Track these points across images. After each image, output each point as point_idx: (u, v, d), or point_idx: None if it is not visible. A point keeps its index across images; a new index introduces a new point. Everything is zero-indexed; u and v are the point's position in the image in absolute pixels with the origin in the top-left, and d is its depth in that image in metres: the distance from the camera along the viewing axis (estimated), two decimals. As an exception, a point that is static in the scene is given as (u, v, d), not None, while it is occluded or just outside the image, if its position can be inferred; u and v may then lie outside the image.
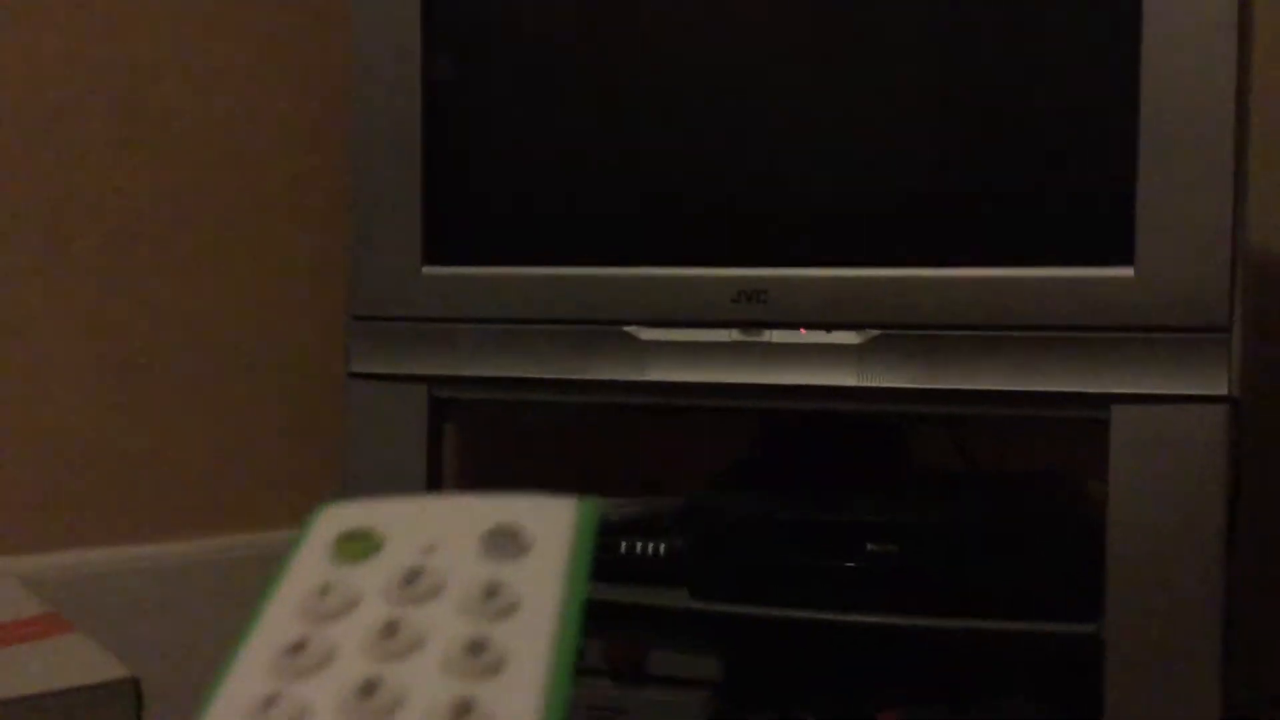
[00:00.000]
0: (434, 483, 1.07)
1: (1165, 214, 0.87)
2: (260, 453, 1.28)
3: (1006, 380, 0.91)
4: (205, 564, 1.23)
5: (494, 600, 0.25)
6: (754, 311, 0.97)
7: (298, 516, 1.30)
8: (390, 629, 0.24)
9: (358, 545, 0.26)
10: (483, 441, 1.38)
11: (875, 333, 0.94)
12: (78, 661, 0.67)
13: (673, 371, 0.99)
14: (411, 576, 0.25)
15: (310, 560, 0.26)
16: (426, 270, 1.04)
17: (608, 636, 1.02)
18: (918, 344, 0.93)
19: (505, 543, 0.26)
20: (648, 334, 0.99)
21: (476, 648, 0.24)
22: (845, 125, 0.96)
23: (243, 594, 1.24)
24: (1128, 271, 0.88)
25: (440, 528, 0.27)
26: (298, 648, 0.24)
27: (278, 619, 0.25)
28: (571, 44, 1.03)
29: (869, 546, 0.94)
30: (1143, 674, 0.88)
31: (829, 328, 0.95)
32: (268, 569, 1.08)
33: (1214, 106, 0.86)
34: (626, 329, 1.00)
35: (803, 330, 0.96)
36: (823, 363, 0.95)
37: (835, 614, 0.94)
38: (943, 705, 0.95)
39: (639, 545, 1.03)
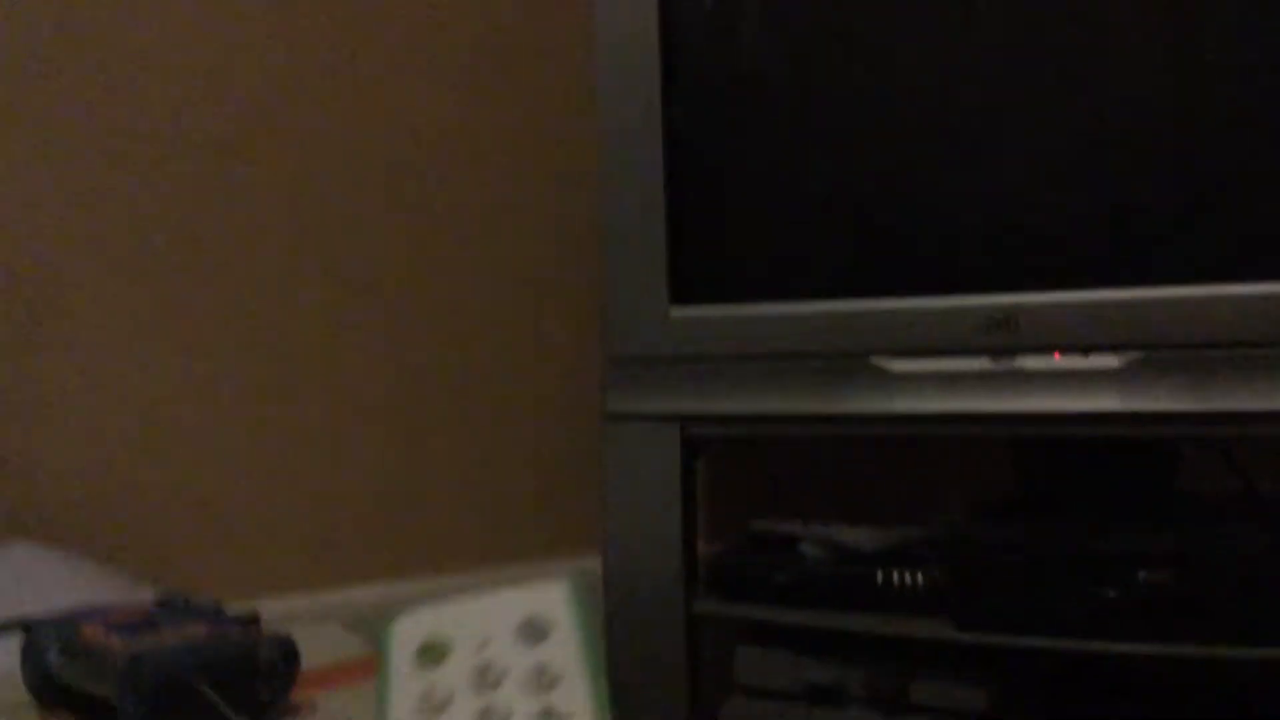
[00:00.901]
0: (689, 516, 1.10)
1: None
2: (526, 490, 1.34)
3: (1278, 399, 0.87)
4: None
5: (544, 676, 0.33)
6: (1004, 338, 0.96)
7: (564, 547, 1.35)
8: (486, 712, 0.32)
9: (434, 652, 0.35)
10: (733, 469, 1.41)
11: (1138, 354, 0.92)
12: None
13: (922, 402, 0.99)
14: (482, 671, 0.33)
15: (404, 670, 0.35)
16: (675, 311, 1.07)
17: (868, 666, 1.03)
18: (1184, 364, 0.90)
19: (532, 630, 0.35)
20: (896, 365, 1.00)
21: (545, 714, 0.32)
22: (1088, 139, 0.95)
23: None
24: None
25: (486, 626, 0.35)
26: None
27: (406, 716, 0.33)
28: (809, 83, 1.04)
29: (1141, 575, 0.92)
30: None
31: (1086, 351, 0.94)
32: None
33: None
34: (874, 360, 1.01)
35: (1057, 355, 0.95)
36: (1081, 388, 0.93)
37: (1105, 644, 0.92)
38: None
39: (897, 575, 1.03)
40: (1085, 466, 1.08)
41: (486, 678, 0.33)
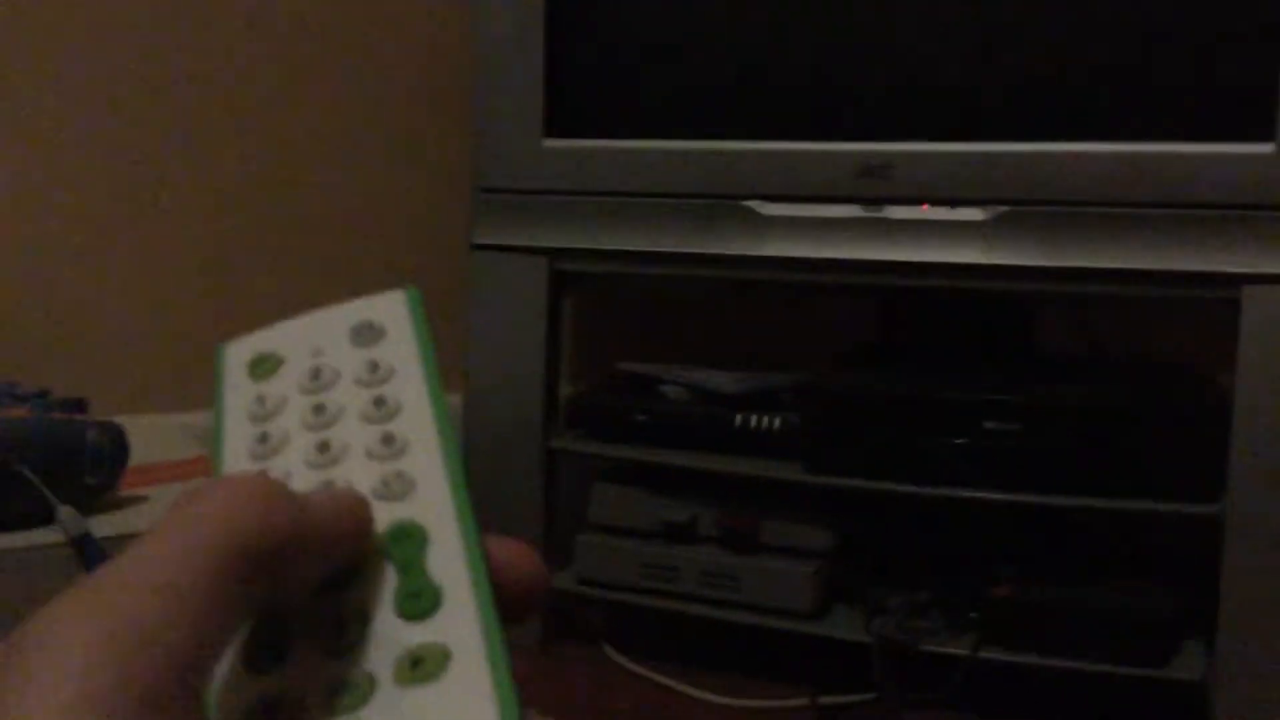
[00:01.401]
0: (553, 353, 1.09)
1: (1312, 88, 0.84)
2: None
3: (1136, 258, 0.89)
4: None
5: (377, 371, 0.34)
6: (877, 187, 0.96)
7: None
8: (319, 409, 0.33)
9: (265, 365, 0.35)
10: (601, 313, 1.40)
11: (1002, 209, 0.93)
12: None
13: (793, 247, 0.99)
14: (314, 374, 0.34)
15: (236, 385, 0.35)
16: (548, 143, 1.05)
17: (721, 506, 1.04)
18: (1046, 220, 0.91)
19: (366, 334, 0.35)
20: (769, 209, 1.00)
21: (379, 402, 0.33)
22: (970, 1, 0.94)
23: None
24: (1267, 147, 0.85)
25: (317, 337, 0.35)
26: (262, 439, 0.32)
27: (237, 427, 0.33)
28: (697, -87, 1.01)
29: (987, 425, 0.94)
30: (1261, 555, 0.87)
31: (954, 204, 0.94)
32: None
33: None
34: (747, 203, 1.00)
35: (926, 206, 0.95)
36: (947, 239, 0.94)
37: (950, 490, 0.95)
38: (1056, 583, 0.96)
39: (755, 419, 1.04)
40: (946, 319, 1.10)
41: (319, 379, 0.34)
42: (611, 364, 1.20)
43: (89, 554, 0.58)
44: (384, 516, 0.30)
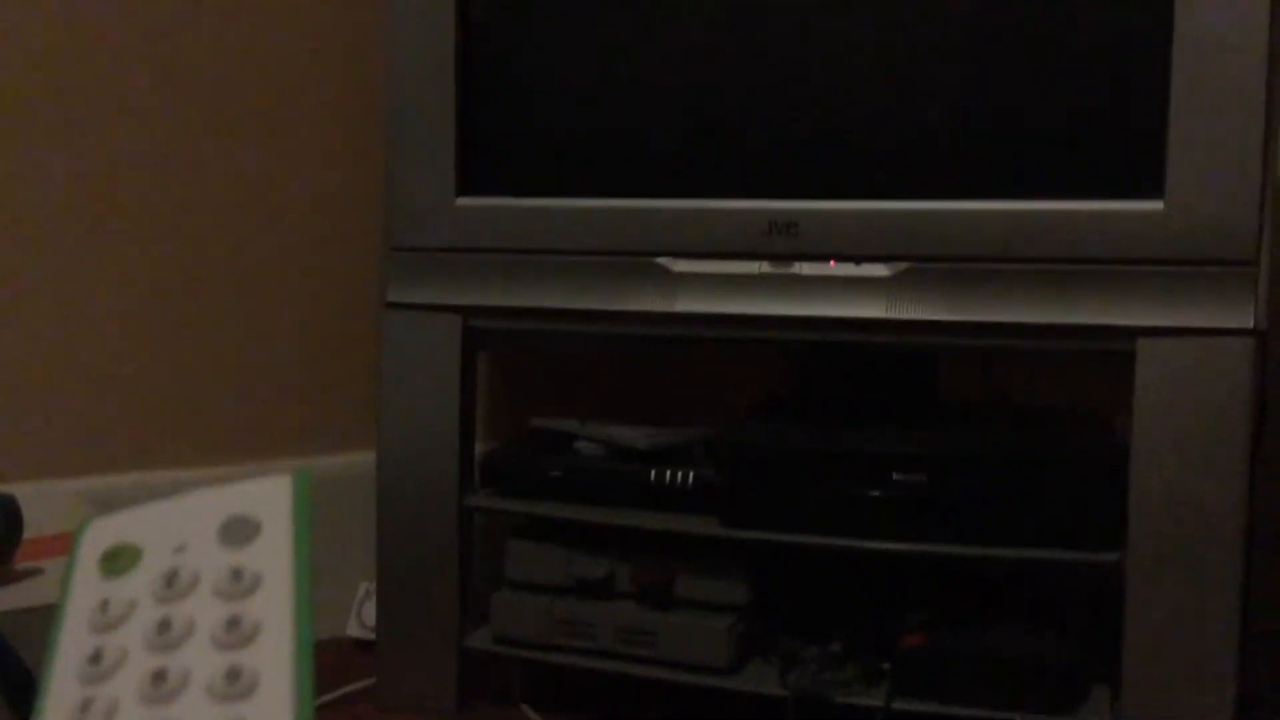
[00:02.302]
0: (467, 410, 1.09)
1: (1196, 147, 0.87)
2: (297, 381, 1.31)
3: (1034, 313, 0.92)
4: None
5: (240, 581, 0.30)
6: (784, 244, 0.98)
7: (336, 442, 1.33)
8: (164, 625, 0.29)
9: (121, 560, 0.31)
10: (515, 370, 1.40)
11: (905, 265, 0.95)
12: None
13: (703, 303, 1.00)
14: (170, 578, 0.30)
15: (85, 580, 0.31)
16: (460, 201, 1.06)
17: (637, 561, 1.05)
18: (947, 276, 0.93)
19: (238, 531, 0.31)
20: (679, 265, 1.01)
21: (233, 623, 0.29)
22: (875, 58, 0.97)
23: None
24: (1157, 205, 0.88)
25: (185, 528, 0.31)
26: (95, 658, 0.29)
27: (74, 635, 0.30)
28: (605, -24, 1.03)
29: (895, 476, 0.95)
30: (1163, 601, 0.89)
31: (859, 260, 0.96)
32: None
33: (1246, 40, 0.86)
34: (658, 260, 1.01)
35: (833, 263, 0.97)
36: (852, 295, 0.96)
37: (861, 542, 0.96)
38: (966, 631, 0.97)
39: (669, 474, 1.04)
40: (854, 372, 1.11)
41: (174, 585, 0.30)
42: (525, 421, 1.20)
43: (-18, 630, 0.57)
44: None
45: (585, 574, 1.05)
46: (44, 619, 0.62)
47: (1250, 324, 0.87)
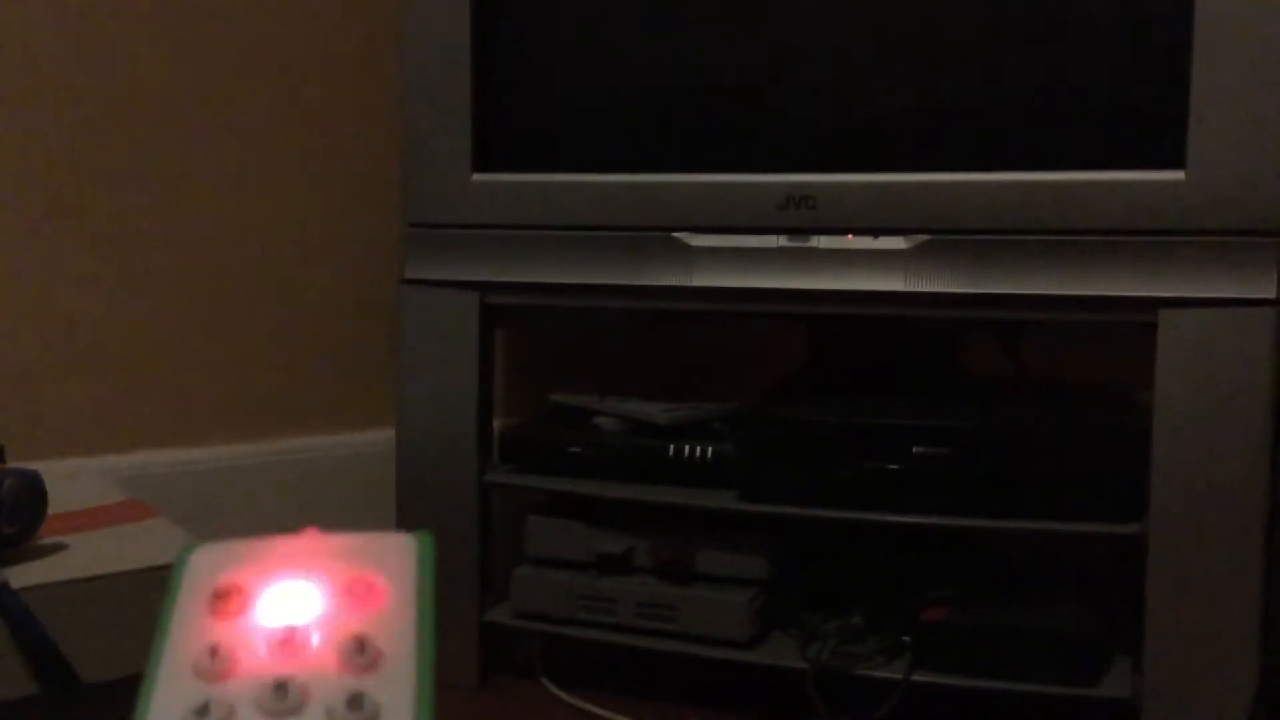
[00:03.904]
0: (485, 386, 1.09)
1: (1217, 116, 0.86)
2: (318, 359, 1.31)
3: (1054, 284, 0.91)
4: (271, 464, 1.27)
5: (362, 654, 0.27)
6: (802, 218, 0.97)
7: (355, 419, 1.33)
8: (281, 689, 0.27)
9: (228, 601, 0.29)
10: (534, 346, 1.40)
11: (923, 238, 0.94)
12: (164, 542, 0.70)
13: (720, 277, 1.00)
14: (287, 636, 0.27)
15: (192, 617, 0.28)
16: (476, 178, 1.06)
17: (657, 537, 1.05)
18: (966, 248, 0.93)
19: (359, 592, 0.29)
20: (696, 240, 1.00)
21: (354, 702, 0.27)
22: (892, 29, 0.96)
23: (300, 492, 1.28)
24: (1178, 175, 0.87)
25: (299, 604, 0.29)
26: (202, 711, 0.27)
27: (178, 679, 0.27)
28: (620, -51, 1.03)
29: (915, 450, 0.95)
30: (1185, 573, 0.89)
31: (877, 233, 0.96)
32: (327, 470, 1.10)
33: (1268, 8, 0.85)
34: (675, 235, 1.01)
35: (850, 236, 0.97)
36: (870, 268, 0.96)
37: (881, 515, 0.96)
38: (986, 605, 0.97)
39: (688, 449, 1.04)
40: (872, 346, 1.11)
41: (292, 643, 0.28)
42: (544, 397, 1.20)
43: (6, 604, 0.58)
44: None
45: (605, 549, 1.06)
46: (68, 593, 0.62)
47: (1273, 294, 0.86)
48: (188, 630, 0.28)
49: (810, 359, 1.17)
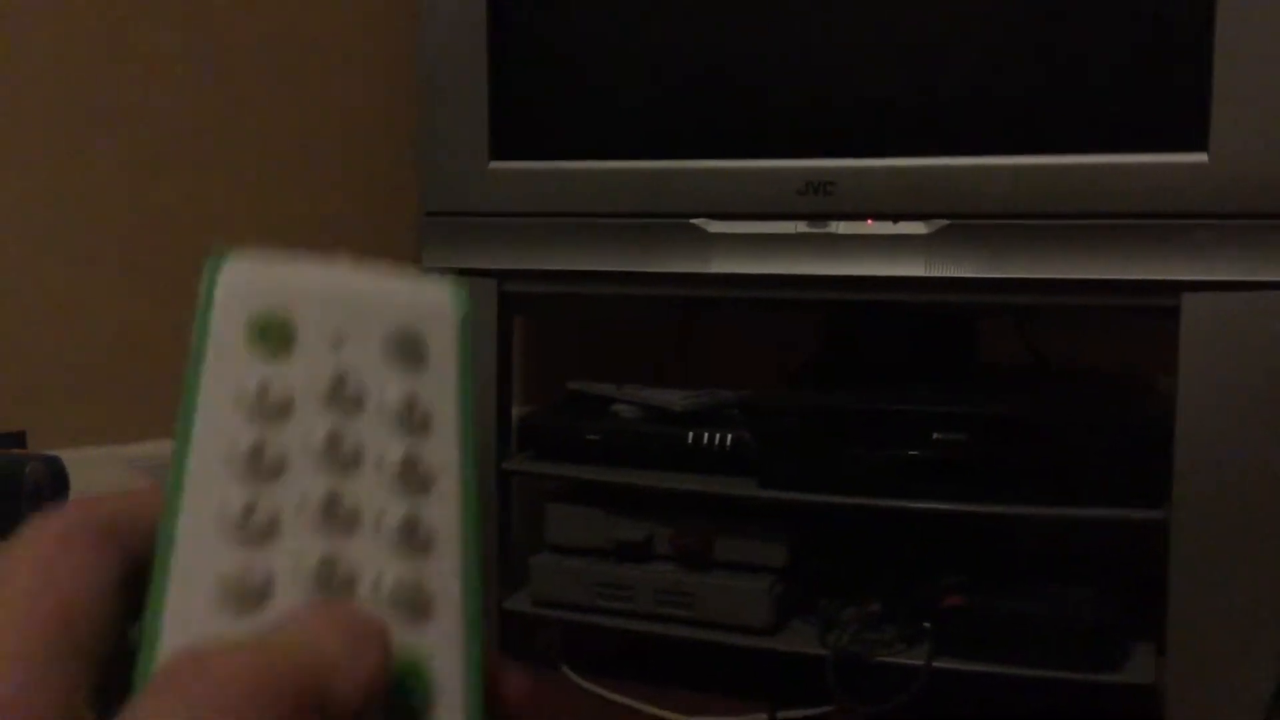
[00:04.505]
0: (504, 374, 1.09)
1: (1240, 99, 0.85)
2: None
3: (1076, 268, 0.90)
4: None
5: (414, 415, 0.26)
6: (821, 203, 0.97)
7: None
8: (334, 441, 0.25)
9: (272, 337, 0.26)
10: (552, 333, 1.40)
11: (943, 222, 0.94)
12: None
13: (739, 264, 1.00)
14: (336, 385, 0.25)
15: (230, 349, 0.26)
16: (494, 165, 1.05)
17: (675, 524, 1.04)
18: (986, 233, 0.92)
19: (407, 349, 0.27)
20: (714, 226, 1.00)
21: (410, 464, 0.25)
22: (911, 13, 0.95)
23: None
24: (1201, 157, 0.87)
25: (342, 319, 0.27)
26: (256, 454, 0.25)
27: (221, 415, 0.25)
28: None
29: (935, 436, 0.95)
30: (1208, 559, 0.88)
31: (896, 218, 0.95)
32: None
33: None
34: (693, 221, 1.00)
35: (870, 221, 0.96)
36: (890, 253, 0.95)
37: (900, 502, 0.95)
38: (1006, 591, 0.96)
39: (707, 436, 1.04)
40: (892, 333, 1.11)
41: (340, 395, 0.25)
42: (562, 384, 1.20)
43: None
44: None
45: (624, 537, 1.06)
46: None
47: (1297, 277, 0.86)
48: (228, 364, 0.26)
49: (828, 346, 1.16)
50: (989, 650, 0.94)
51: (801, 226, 0.98)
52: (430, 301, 0.28)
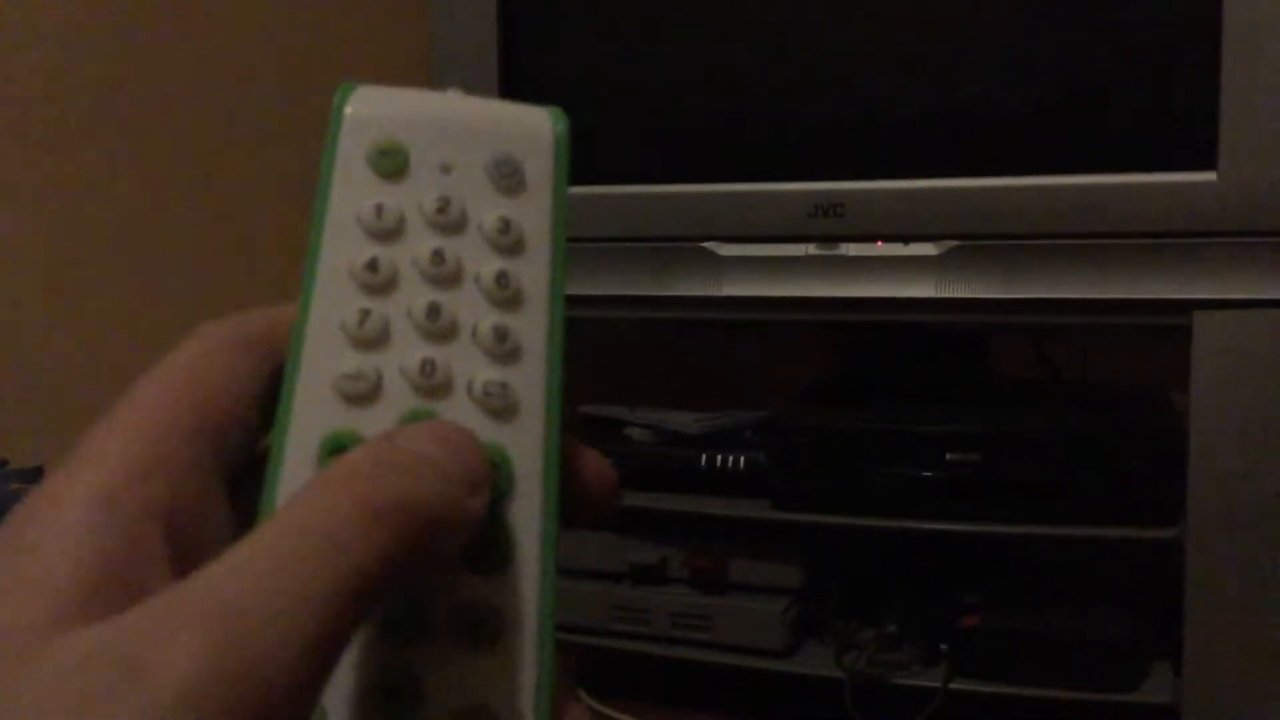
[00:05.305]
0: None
1: (1249, 117, 0.85)
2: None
3: (1087, 288, 0.91)
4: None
5: (507, 235, 0.29)
6: (831, 225, 0.97)
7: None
8: (439, 257, 0.28)
9: (389, 161, 0.29)
10: (566, 360, 1.40)
11: (953, 243, 0.94)
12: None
13: (750, 286, 1.00)
14: (443, 205, 0.29)
15: (354, 171, 0.29)
16: (506, 191, 1.06)
17: (690, 547, 1.05)
18: (996, 254, 0.92)
19: (507, 174, 0.30)
20: (725, 249, 1.00)
21: (502, 279, 0.28)
22: (919, 33, 0.96)
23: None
24: (1210, 176, 0.87)
25: (450, 146, 0.30)
26: (372, 266, 0.28)
27: (345, 231, 0.28)
28: (645, -40, 1.03)
29: (949, 456, 0.95)
30: (1224, 578, 0.88)
31: (906, 240, 0.95)
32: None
33: (1302, 4, 0.84)
34: (704, 244, 1.01)
35: (880, 243, 0.96)
36: (901, 275, 0.95)
37: (915, 523, 0.95)
38: (1023, 611, 0.96)
39: (720, 458, 1.04)
40: (904, 353, 1.11)
41: (446, 215, 0.29)
42: (575, 408, 1.20)
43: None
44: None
45: (639, 559, 1.06)
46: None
47: (1308, 294, 0.86)
48: (353, 185, 0.29)
49: (841, 366, 1.17)
50: (1006, 671, 0.94)
51: (812, 249, 0.98)
52: (530, 128, 0.31)
